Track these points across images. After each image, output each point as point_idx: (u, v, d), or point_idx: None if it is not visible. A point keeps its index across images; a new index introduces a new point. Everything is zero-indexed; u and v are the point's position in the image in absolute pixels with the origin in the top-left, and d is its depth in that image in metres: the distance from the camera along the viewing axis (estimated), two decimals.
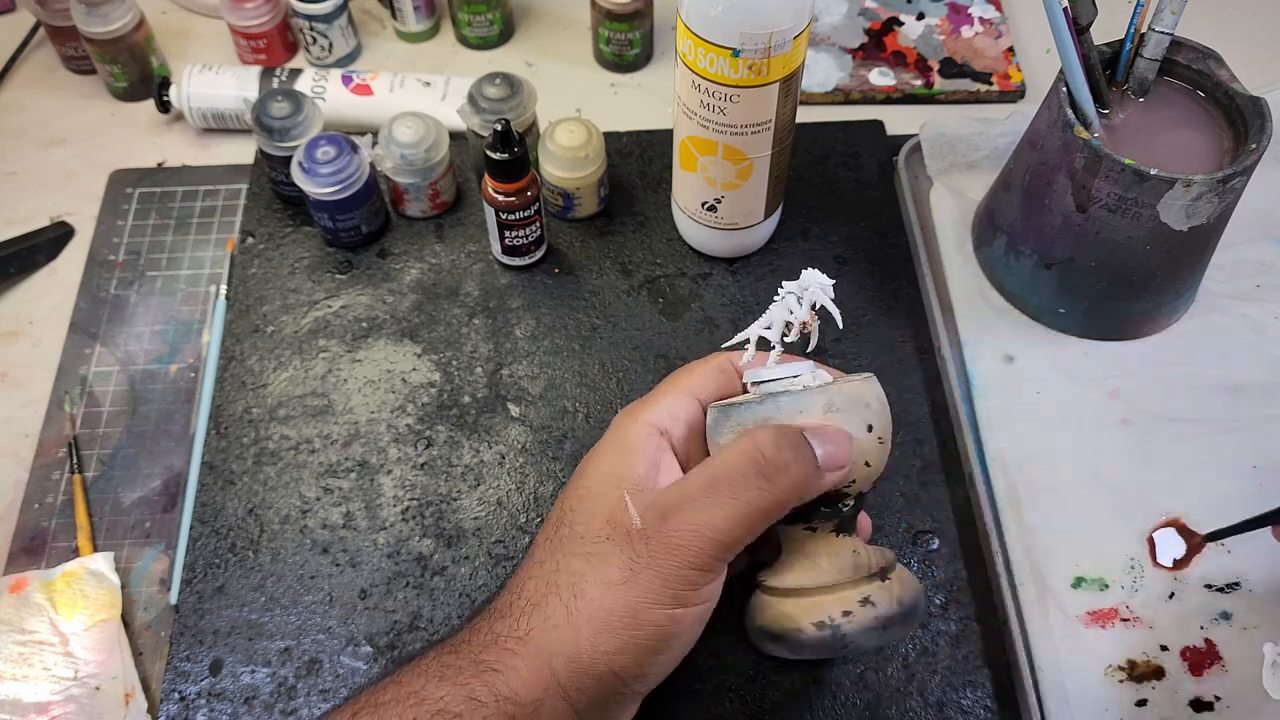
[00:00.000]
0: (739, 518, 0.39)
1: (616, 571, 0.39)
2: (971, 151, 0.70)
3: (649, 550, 0.39)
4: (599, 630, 0.39)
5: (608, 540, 0.40)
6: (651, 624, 0.39)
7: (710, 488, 0.40)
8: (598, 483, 0.42)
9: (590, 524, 0.41)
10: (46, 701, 0.51)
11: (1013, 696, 0.51)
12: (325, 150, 0.62)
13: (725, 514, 0.39)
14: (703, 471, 0.40)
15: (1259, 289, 0.65)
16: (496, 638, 0.41)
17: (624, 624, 0.39)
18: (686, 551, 0.39)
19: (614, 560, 0.40)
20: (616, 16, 0.75)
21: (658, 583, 0.39)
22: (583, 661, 0.39)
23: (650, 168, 0.71)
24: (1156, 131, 0.57)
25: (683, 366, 0.46)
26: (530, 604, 0.41)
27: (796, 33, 0.52)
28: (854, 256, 0.67)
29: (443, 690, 0.39)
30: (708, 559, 0.39)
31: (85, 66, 0.77)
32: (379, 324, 0.64)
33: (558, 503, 0.44)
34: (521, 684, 0.39)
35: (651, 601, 0.39)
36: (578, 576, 0.40)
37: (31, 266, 0.68)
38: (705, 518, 0.39)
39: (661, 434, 0.43)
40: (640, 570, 0.39)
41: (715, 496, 0.39)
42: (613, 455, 0.43)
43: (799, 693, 0.51)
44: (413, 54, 0.81)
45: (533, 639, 0.40)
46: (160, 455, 0.60)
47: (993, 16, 0.80)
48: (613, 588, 0.39)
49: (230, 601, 0.54)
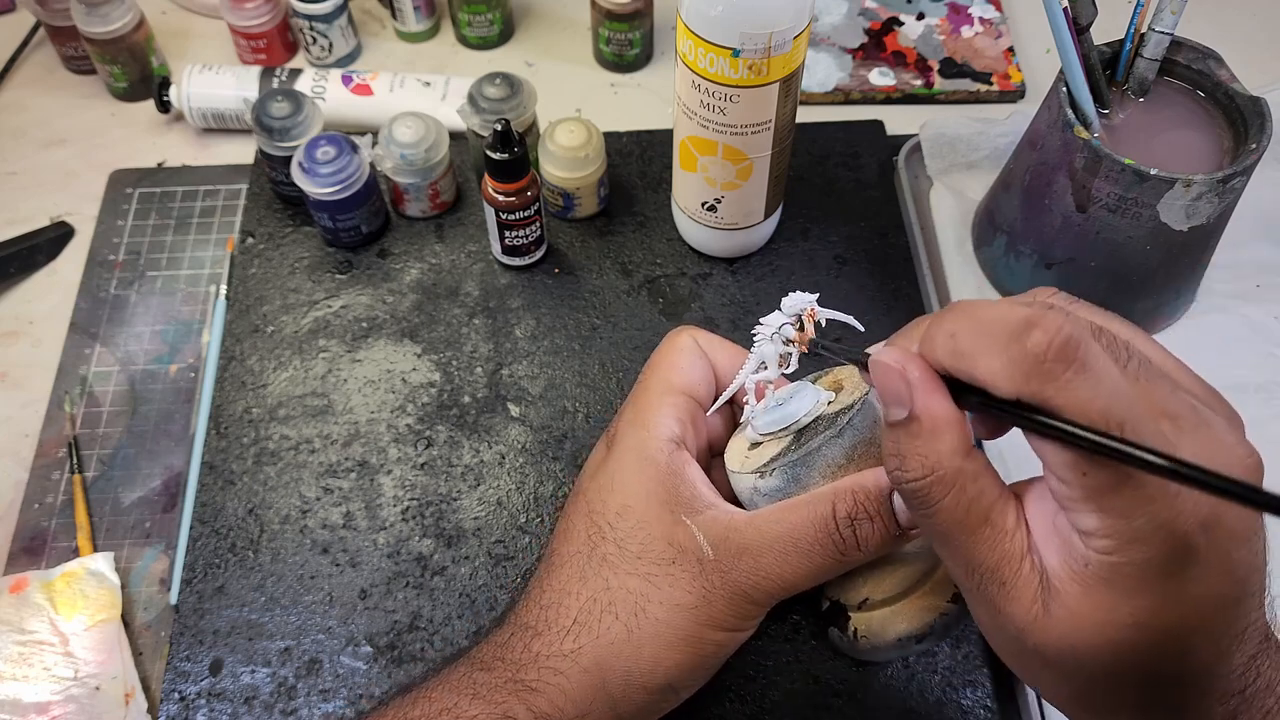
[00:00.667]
0: (808, 576, 0.40)
1: (688, 597, 0.40)
2: (971, 151, 0.70)
3: (722, 582, 0.40)
4: (663, 648, 0.40)
5: (674, 564, 0.41)
6: (712, 644, 0.41)
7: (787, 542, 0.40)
8: (640, 503, 0.42)
9: (647, 544, 0.41)
10: (46, 701, 0.51)
11: (1013, 696, 0.51)
12: (325, 150, 0.62)
13: (796, 571, 0.40)
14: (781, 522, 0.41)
15: (1259, 289, 0.65)
16: (536, 656, 0.41)
17: (689, 643, 0.41)
18: (756, 591, 0.40)
19: (684, 585, 0.41)
20: (616, 16, 0.75)
21: (725, 610, 0.41)
22: (641, 676, 0.40)
23: (650, 168, 0.71)
24: (1156, 131, 0.57)
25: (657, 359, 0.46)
26: (577, 623, 0.41)
27: (796, 33, 0.52)
28: (854, 256, 0.67)
29: (476, 709, 0.39)
30: (771, 599, 0.41)
31: (85, 66, 0.77)
32: (379, 324, 0.64)
33: (581, 518, 0.44)
34: (567, 700, 0.40)
35: (716, 625, 0.41)
36: (639, 597, 0.41)
37: (31, 266, 0.68)
38: (777, 568, 0.40)
39: (679, 446, 0.44)
40: (712, 599, 0.40)
41: (788, 551, 0.40)
42: (646, 474, 0.43)
43: (799, 693, 0.51)
44: (413, 54, 0.81)
45: (584, 655, 0.40)
46: (160, 455, 0.60)
47: (993, 16, 0.80)
48: (683, 610, 0.40)
49: (230, 601, 0.54)
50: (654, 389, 0.45)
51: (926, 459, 0.32)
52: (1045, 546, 0.31)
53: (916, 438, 0.32)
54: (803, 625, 0.53)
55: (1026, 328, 0.29)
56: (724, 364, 0.47)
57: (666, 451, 0.43)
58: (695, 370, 0.46)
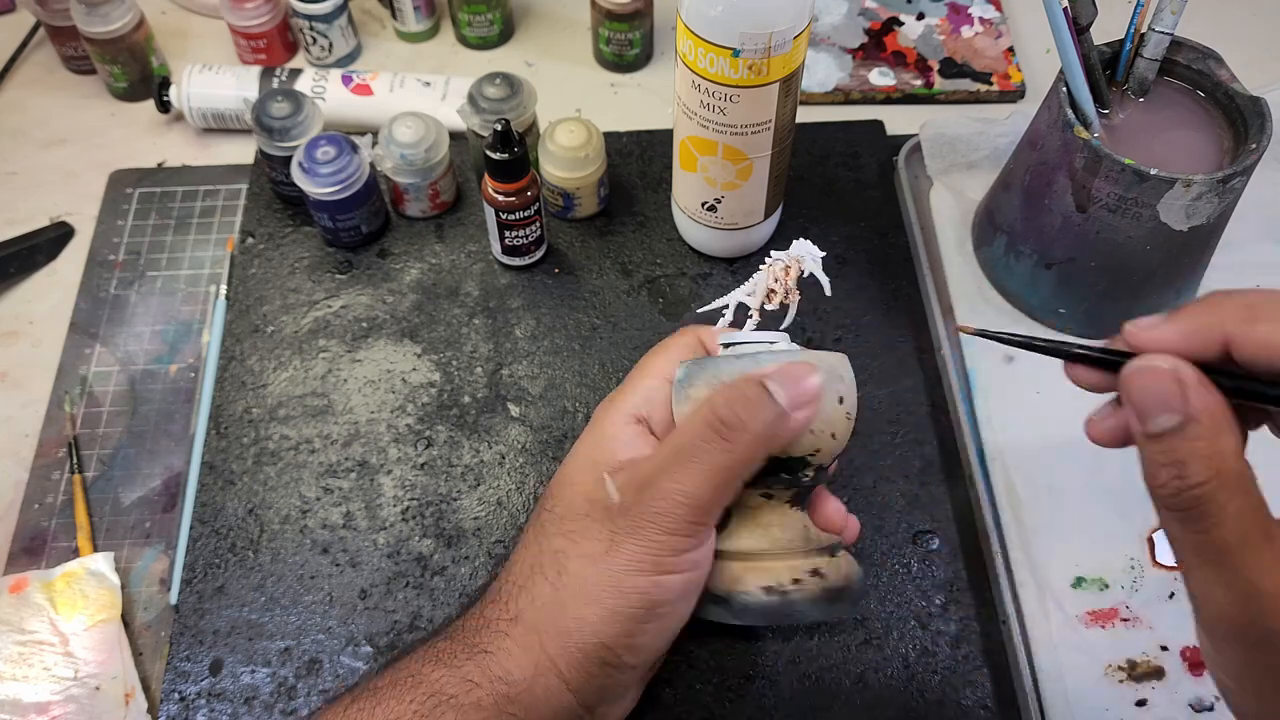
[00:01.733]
0: (706, 480, 0.39)
1: (597, 545, 0.41)
2: (971, 151, 0.70)
3: (628, 522, 0.40)
4: (584, 602, 0.40)
5: (586, 517, 0.42)
6: (635, 591, 0.40)
7: (677, 454, 0.40)
8: (576, 469, 0.44)
9: (571, 505, 0.43)
10: (46, 701, 0.51)
11: (1013, 696, 0.51)
12: (325, 150, 0.62)
13: (693, 478, 0.39)
14: (670, 440, 0.41)
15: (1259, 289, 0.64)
16: (488, 621, 0.42)
17: (608, 594, 0.40)
18: (664, 519, 0.39)
19: (594, 534, 0.41)
20: (616, 16, 0.75)
21: (638, 551, 0.40)
22: (571, 636, 0.40)
23: (650, 168, 0.71)
24: (1156, 131, 0.57)
25: (656, 346, 0.47)
26: (517, 586, 0.42)
27: (796, 33, 0.52)
28: (854, 256, 0.67)
29: (438, 673, 0.40)
30: (685, 524, 0.40)
31: (85, 66, 0.77)
32: (379, 324, 0.64)
33: (546, 490, 0.46)
34: (514, 664, 0.41)
35: (635, 569, 0.40)
36: (560, 554, 0.42)
37: (31, 266, 0.68)
38: (675, 484, 0.40)
39: (639, 420, 0.44)
40: (621, 541, 0.40)
41: (682, 462, 0.40)
42: (591, 443, 0.44)
43: (799, 693, 0.51)
44: (413, 54, 0.81)
45: (522, 619, 0.41)
46: (160, 455, 0.60)
47: (993, 16, 0.80)
48: (594, 560, 0.40)
49: (230, 601, 0.54)
50: (638, 372, 0.46)
51: (1211, 459, 0.29)
52: None
53: (1197, 439, 0.29)
54: (802, 625, 0.53)
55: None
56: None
57: (619, 423, 0.44)
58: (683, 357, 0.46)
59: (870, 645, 0.53)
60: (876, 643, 0.53)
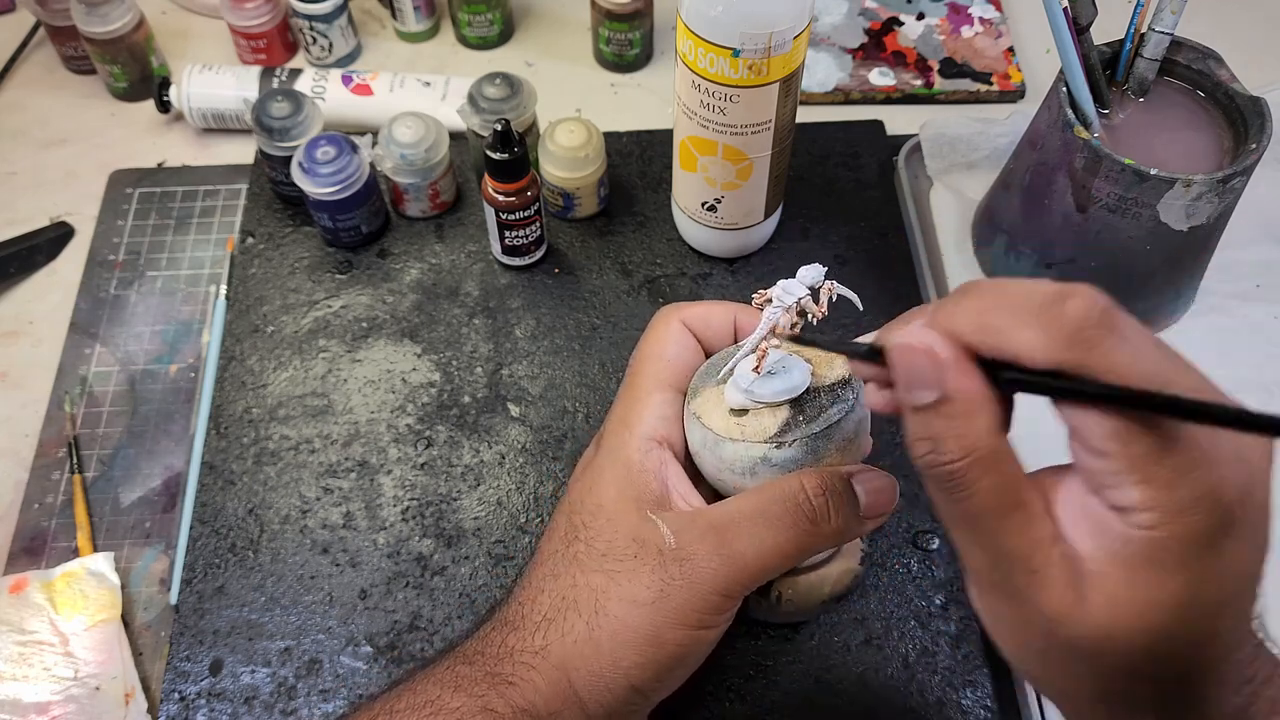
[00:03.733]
0: (774, 556, 0.39)
1: (645, 591, 0.40)
2: (971, 151, 0.70)
3: (681, 572, 0.39)
4: (621, 646, 0.39)
5: (635, 559, 0.40)
6: (674, 643, 0.40)
7: (757, 515, 0.39)
8: (611, 502, 0.42)
9: (613, 542, 0.41)
10: (46, 701, 0.51)
11: (1013, 696, 0.51)
12: (325, 150, 0.62)
13: (761, 550, 0.39)
14: (744, 504, 0.40)
15: (1259, 289, 0.65)
16: (511, 651, 0.41)
17: (648, 642, 0.39)
18: (719, 579, 0.39)
19: (643, 580, 0.40)
20: (616, 16, 0.75)
21: (685, 606, 0.39)
22: (603, 677, 0.40)
23: (650, 168, 0.71)
24: (1156, 131, 0.57)
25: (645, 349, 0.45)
26: (546, 619, 0.41)
27: (796, 33, 0.52)
28: (854, 256, 0.67)
29: (458, 700, 0.39)
30: (737, 588, 0.40)
31: (85, 66, 0.77)
32: (379, 324, 0.64)
33: (562, 516, 0.44)
34: (540, 697, 0.40)
35: (677, 623, 0.39)
36: (600, 594, 0.40)
37: (31, 266, 0.68)
38: (745, 546, 0.39)
39: (660, 444, 0.43)
40: (672, 592, 0.39)
41: (754, 531, 0.39)
42: (619, 475, 0.42)
43: (799, 693, 0.51)
44: (413, 54, 0.81)
45: (551, 653, 0.40)
46: (160, 455, 0.60)
47: (993, 16, 0.80)
48: (640, 607, 0.39)
49: (230, 601, 0.54)
50: (642, 385, 0.44)
51: (964, 439, 0.30)
52: (1075, 532, 0.30)
53: (952, 418, 0.31)
54: (802, 625, 0.53)
55: (1061, 298, 0.28)
56: (718, 328, 0.46)
57: (644, 450, 0.42)
58: (683, 358, 0.45)
59: (870, 645, 0.53)
60: (876, 643, 0.53)
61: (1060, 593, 0.30)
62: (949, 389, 0.30)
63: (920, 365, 0.31)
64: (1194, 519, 0.28)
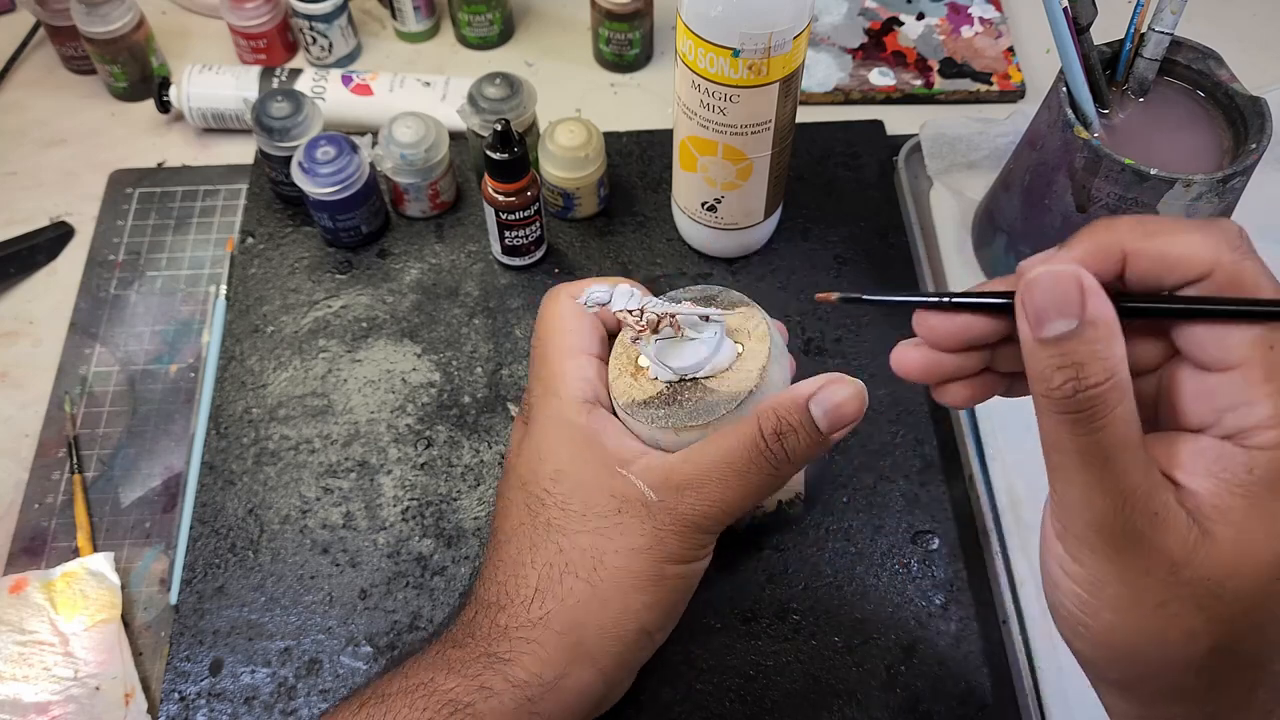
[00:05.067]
0: (750, 495, 0.42)
1: (641, 539, 0.42)
2: (971, 151, 0.70)
3: (670, 519, 0.42)
4: (630, 592, 0.42)
5: (620, 513, 0.42)
6: (675, 577, 0.43)
7: (725, 467, 0.41)
8: (569, 464, 0.44)
9: (589, 501, 0.43)
10: (46, 701, 0.51)
11: (1013, 696, 0.51)
12: (325, 150, 0.62)
13: (736, 492, 0.42)
14: (715, 451, 0.42)
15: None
16: (505, 630, 0.42)
17: (652, 582, 0.42)
18: (704, 519, 0.42)
19: (635, 529, 0.42)
20: (616, 16, 0.75)
21: (678, 544, 0.42)
22: (614, 626, 0.42)
23: (650, 168, 0.71)
24: (1156, 131, 0.57)
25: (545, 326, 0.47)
26: (538, 591, 0.42)
27: (796, 33, 0.52)
28: (854, 256, 0.66)
29: (451, 682, 0.41)
30: (720, 524, 0.43)
31: (85, 66, 0.77)
32: (379, 324, 0.64)
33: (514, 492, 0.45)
34: (543, 666, 0.41)
35: (673, 560, 0.42)
36: (594, 551, 0.42)
37: (31, 266, 0.68)
38: (721, 493, 0.41)
39: (593, 405, 0.45)
40: (664, 536, 0.42)
41: (728, 477, 0.41)
42: (569, 438, 0.44)
43: (799, 693, 0.51)
44: (413, 54, 0.81)
45: (554, 620, 0.42)
46: (160, 455, 0.60)
47: (993, 16, 0.80)
48: (640, 552, 0.42)
49: (230, 601, 0.54)
50: (553, 357, 0.46)
51: (1108, 361, 0.30)
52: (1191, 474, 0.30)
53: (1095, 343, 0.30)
54: (802, 625, 0.53)
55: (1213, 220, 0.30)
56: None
57: (584, 413, 0.44)
58: (584, 327, 0.46)
59: (870, 645, 0.53)
60: (877, 643, 0.53)
61: (1184, 533, 0.29)
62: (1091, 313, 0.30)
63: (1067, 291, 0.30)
64: None
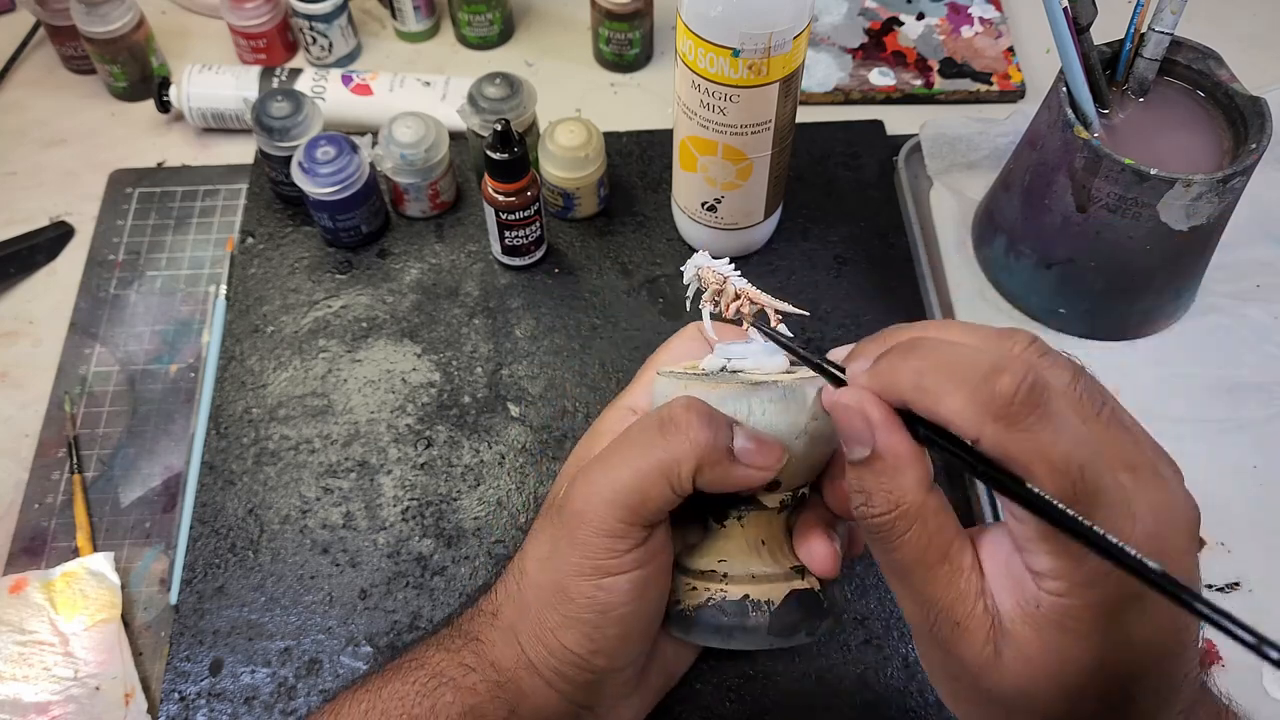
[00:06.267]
0: (634, 478, 0.38)
1: (543, 547, 0.40)
2: (971, 151, 0.70)
3: (561, 520, 0.39)
4: (541, 606, 0.40)
5: (542, 517, 0.42)
6: (581, 596, 0.39)
7: (614, 452, 0.39)
8: (567, 466, 0.45)
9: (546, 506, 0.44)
10: (46, 701, 0.51)
11: None
12: (325, 150, 0.62)
13: (621, 476, 0.38)
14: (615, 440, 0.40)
15: (1259, 289, 0.65)
16: (479, 611, 0.43)
17: (557, 598, 0.39)
18: (592, 517, 0.38)
19: (542, 535, 0.41)
20: (616, 16, 0.75)
21: (574, 554, 0.38)
22: (540, 638, 0.40)
23: (650, 168, 0.71)
24: (1156, 131, 0.57)
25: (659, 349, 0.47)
26: (501, 582, 0.43)
27: (796, 33, 0.52)
28: (854, 256, 0.66)
29: (439, 656, 0.42)
30: (614, 524, 0.38)
31: (85, 66, 0.77)
32: (379, 324, 0.64)
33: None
34: (499, 654, 0.42)
35: (575, 573, 0.39)
36: (523, 555, 0.42)
37: (31, 266, 0.68)
38: (604, 480, 0.38)
39: (634, 412, 0.44)
40: (560, 543, 0.39)
41: (617, 460, 0.38)
42: (586, 441, 0.45)
43: (799, 693, 0.51)
44: (413, 54, 0.81)
45: (501, 613, 0.42)
46: (160, 455, 0.60)
47: (993, 16, 0.80)
48: (542, 562, 0.40)
49: (230, 601, 0.54)
50: (641, 371, 0.46)
51: (890, 494, 0.32)
52: (999, 589, 0.31)
53: (880, 474, 0.32)
54: None
55: (995, 372, 0.29)
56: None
57: (613, 418, 0.44)
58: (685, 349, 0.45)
59: (870, 645, 0.53)
60: (876, 643, 0.53)
61: (979, 647, 0.31)
62: (878, 446, 0.32)
63: (854, 423, 0.32)
64: (1100, 591, 0.29)
